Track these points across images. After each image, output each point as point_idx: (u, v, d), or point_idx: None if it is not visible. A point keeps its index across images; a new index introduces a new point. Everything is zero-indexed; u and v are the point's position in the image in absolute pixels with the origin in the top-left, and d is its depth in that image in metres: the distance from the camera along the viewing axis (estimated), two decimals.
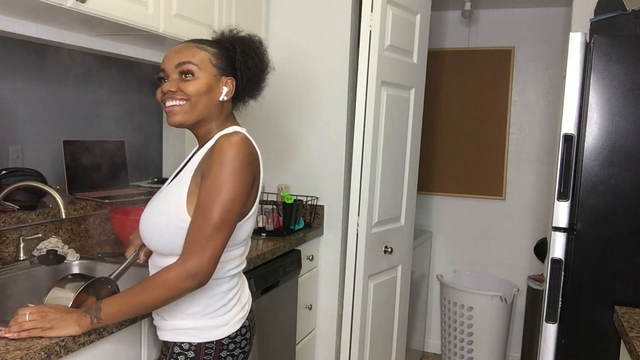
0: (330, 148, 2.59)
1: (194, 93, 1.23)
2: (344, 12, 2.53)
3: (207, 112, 1.26)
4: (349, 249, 2.37)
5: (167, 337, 1.29)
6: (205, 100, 1.24)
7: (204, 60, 1.25)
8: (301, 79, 2.62)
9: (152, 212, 1.27)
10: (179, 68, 1.23)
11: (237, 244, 1.29)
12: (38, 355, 1.08)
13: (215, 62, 1.26)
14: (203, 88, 1.23)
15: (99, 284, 1.33)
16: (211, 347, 1.26)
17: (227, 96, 1.28)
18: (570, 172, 1.86)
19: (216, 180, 1.15)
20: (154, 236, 1.25)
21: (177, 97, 1.24)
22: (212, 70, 1.25)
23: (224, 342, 1.27)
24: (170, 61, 1.25)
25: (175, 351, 1.26)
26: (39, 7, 1.48)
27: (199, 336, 1.26)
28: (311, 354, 2.64)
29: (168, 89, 1.24)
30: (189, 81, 1.23)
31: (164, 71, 1.26)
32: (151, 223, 1.25)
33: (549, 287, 1.90)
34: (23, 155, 2.04)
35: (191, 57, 1.24)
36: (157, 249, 1.27)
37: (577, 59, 1.85)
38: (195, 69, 1.23)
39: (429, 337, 3.67)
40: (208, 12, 2.13)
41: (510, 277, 3.44)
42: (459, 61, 3.48)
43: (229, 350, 1.28)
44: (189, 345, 1.25)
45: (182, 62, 1.23)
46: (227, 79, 1.28)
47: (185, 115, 1.25)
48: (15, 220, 1.74)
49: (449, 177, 3.54)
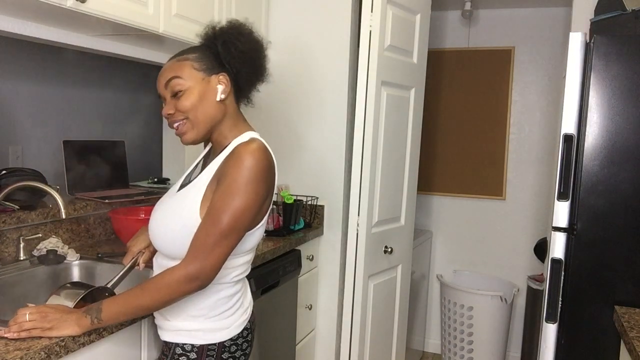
0: (330, 148, 2.59)
1: (189, 108, 1.22)
2: (344, 12, 2.53)
3: (211, 118, 1.25)
4: (349, 249, 2.37)
5: (169, 338, 1.28)
6: (202, 109, 1.23)
7: (185, 69, 1.23)
8: (301, 79, 2.62)
9: (165, 216, 1.25)
10: (168, 88, 1.24)
11: (245, 251, 1.29)
12: (38, 355, 1.08)
13: (197, 66, 1.24)
14: (195, 98, 1.22)
15: (97, 293, 1.33)
16: (213, 349, 1.26)
17: (224, 93, 1.25)
18: (570, 172, 1.86)
19: (230, 187, 1.15)
20: (166, 240, 1.24)
21: (177, 119, 1.24)
22: (197, 76, 1.23)
23: (226, 344, 1.27)
24: (160, 84, 1.26)
25: (177, 352, 1.26)
26: (39, 7, 1.48)
27: (201, 338, 1.26)
28: (311, 354, 2.64)
29: (167, 113, 1.25)
30: (181, 98, 1.23)
31: (160, 95, 1.27)
32: (164, 227, 1.24)
33: (549, 287, 1.90)
34: (23, 155, 2.04)
35: (173, 72, 1.23)
36: (168, 252, 1.25)
37: (577, 59, 1.85)
38: (181, 82, 1.22)
39: (429, 337, 3.67)
40: (208, 12, 2.13)
41: (510, 277, 3.44)
42: (459, 61, 3.48)
43: (231, 352, 1.29)
44: (191, 347, 1.25)
45: (167, 80, 1.24)
46: (217, 76, 1.25)
47: (193, 133, 1.25)
48: (15, 220, 1.74)
49: (449, 177, 3.54)
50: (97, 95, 2.39)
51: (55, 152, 2.15)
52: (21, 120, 2.04)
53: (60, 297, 1.29)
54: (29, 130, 2.08)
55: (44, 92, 2.14)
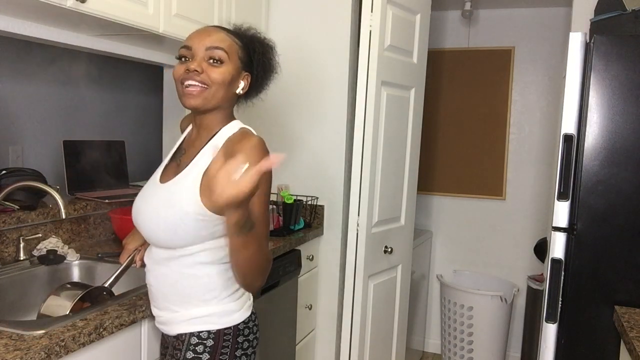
0: (330, 148, 2.59)
1: (219, 81, 1.22)
2: (344, 12, 2.53)
3: (223, 102, 1.26)
4: (349, 249, 2.37)
5: (181, 329, 1.26)
6: (225, 90, 1.24)
7: (233, 50, 1.25)
8: (301, 79, 2.62)
9: (158, 209, 1.23)
10: (210, 52, 1.22)
11: None
12: (38, 355, 1.09)
13: (241, 55, 1.27)
14: (228, 78, 1.23)
15: (95, 292, 1.33)
16: (229, 333, 1.25)
17: (243, 90, 1.29)
18: (570, 172, 1.86)
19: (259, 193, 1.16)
20: (166, 231, 1.20)
21: (199, 80, 1.21)
22: (237, 63, 1.26)
23: (239, 327, 1.27)
24: (201, 41, 1.22)
25: (192, 342, 1.24)
26: (39, 7, 1.48)
27: (217, 322, 1.25)
28: (311, 354, 2.64)
29: (194, 68, 1.20)
30: (217, 68, 1.22)
31: (191, 49, 1.23)
32: (162, 218, 1.21)
33: (549, 287, 1.90)
34: (23, 155, 2.04)
35: (223, 44, 1.23)
36: (168, 242, 1.22)
37: (577, 59, 1.85)
38: (225, 57, 1.23)
39: (429, 337, 3.67)
40: (208, 12, 2.13)
41: (510, 277, 3.44)
42: (459, 61, 3.48)
43: (245, 336, 1.28)
44: (208, 334, 1.24)
45: (215, 46, 1.22)
46: (245, 74, 1.29)
47: (204, 101, 1.23)
48: (15, 220, 1.74)
49: (449, 177, 3.54)
50: (97, 95, 2.39)
51: (55, 152, 2.15)
52: (21, 120, 2.04)
53: (59, 298, 1.29)
54: (29, 130, 2.08)
55: (44, 92, 2.14)
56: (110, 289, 1.39)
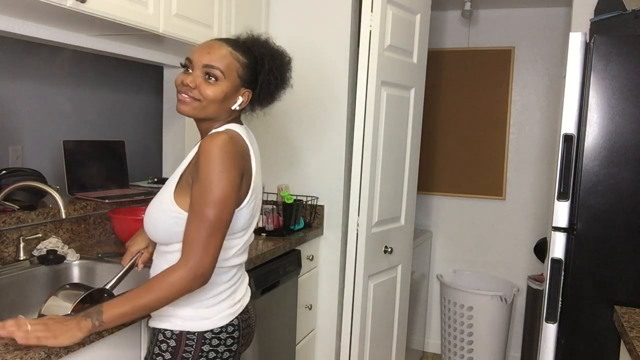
0: (330, 148, 2.59)
1: (211, 98, 1.25)
2: (344, 12, 2.53)
3: (216, 115, 1.29)
4: (349, 249, 2.37)
5: (153, 324, 1.29)
6: (217, 106, 1.27)
7: (231, 69, 1.26)
8: (301, 79, 2.60)
9: (151, 205, 1.31)
10: (206, 69, 1.24)
11: (235, 232, 1.29)
12: (38, 355, 1.09)
13: (241, 73, 1.28)
14: (220, 96, 1.25)
15: (96, 294, 1.33)
16: (192, 339, 1.25)
17: (240, 107, 1.31)
18: (570, 172, 1.86)
19: (205, 182, 1.17)
20: (151, 226, 1.29)
21: (192, 94, 1.25)
22: (235, 81, 1.27)
23: (206, 335, 1.26)
24: (200, 57, 1.25)
25: (159, 338, 1.26)
26: (39, 7, 1.48)
27: (179, 324, 1.25)
28: (311, 354, 2.64)
29: (188, 83, 1.24)
30: (211, 85, 1.25)
31: (191, 63, 1.26)
32: (149, 215, 1.30)
33: (549, 287, 1.90)
34: (23, 155, 2.04)
35: (221, 63, 1.24)
36: (156, 238, 1.30)
37: (577, 59, 1.85)
38: (220, 76, 1.24)
39: (429, 337, 3.67)
40: (208, 12, 2.13)
41: (510, 277, 3.44)
42: (459, 61, 3.48)
43: (212, 346, 1.26)
44: (171, 333, 1.25)
45: (211, 65, 1.24)
46: (245, 90, 1.30)
47: (194, 111, 1.27)
48: (15, 220, 1.74)
49: (449, 177, 3.54)
50: (97, 95, 2.39)
51: (55, 152, 2.15)
52: (21, 120, 2.04)
53: (59, 298, 1.29)
54: (29, 130, 2.08)
55: (44, 92, 2.14)
56: (112, 291, 1.38)
